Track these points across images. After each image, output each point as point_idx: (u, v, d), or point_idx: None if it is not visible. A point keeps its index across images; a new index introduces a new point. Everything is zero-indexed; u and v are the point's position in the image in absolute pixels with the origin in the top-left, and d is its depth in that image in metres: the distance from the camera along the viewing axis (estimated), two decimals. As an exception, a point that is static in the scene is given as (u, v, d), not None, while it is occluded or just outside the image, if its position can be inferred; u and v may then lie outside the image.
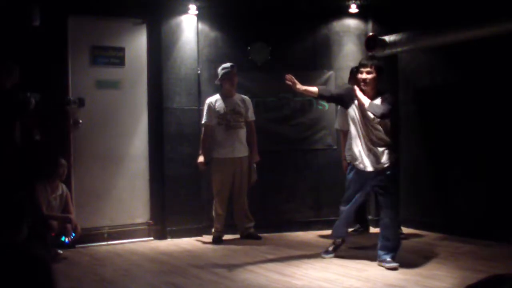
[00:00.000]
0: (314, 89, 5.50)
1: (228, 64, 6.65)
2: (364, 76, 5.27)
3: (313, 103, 7.30)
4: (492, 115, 6.32)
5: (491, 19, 5.91)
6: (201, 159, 6.61)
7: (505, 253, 5.70)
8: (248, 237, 6.73)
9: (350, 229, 7.00)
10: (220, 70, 6.66)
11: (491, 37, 5.91)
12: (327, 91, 5.70)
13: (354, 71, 6.84)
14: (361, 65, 5.38)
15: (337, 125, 6.90)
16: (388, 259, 5.20)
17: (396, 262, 5.17)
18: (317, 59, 7.43)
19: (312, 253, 5.86)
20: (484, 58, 6.35)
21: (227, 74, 6.63)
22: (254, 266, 5.36)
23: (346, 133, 6.90)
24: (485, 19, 5.98)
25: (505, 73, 6.20)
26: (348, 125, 6.85)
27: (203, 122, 6.70)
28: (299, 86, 5.41)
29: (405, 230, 6.80)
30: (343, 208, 5.59)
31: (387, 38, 6.85)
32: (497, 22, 5.84)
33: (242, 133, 6.71)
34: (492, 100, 6.31)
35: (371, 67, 5.28)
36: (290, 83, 5.42)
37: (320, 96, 5.61)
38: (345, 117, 6.86)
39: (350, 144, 5.59)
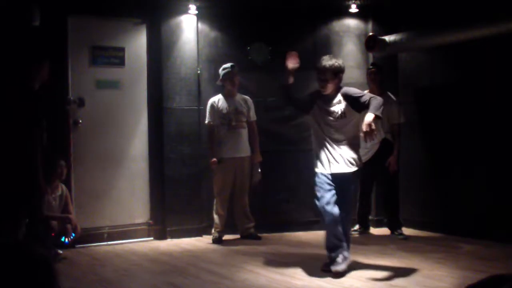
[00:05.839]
0: (290, 79, 5.15)
1: (228, 64, 6.66)
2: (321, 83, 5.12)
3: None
4: (492, 115, 6.31)
5: (491, 19, 5.91)
6: (213, 158, 6.61)
7: (505, 253, 5.70)
8: (248, 237, 6.73)
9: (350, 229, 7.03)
10: (221, 71, 6.67)
11: (491, 37, 5.91)
12: (293, 92, 5.24)
13: (371, 70, 6.83)
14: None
15: None
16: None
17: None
18: (317, 59, 7.36)
19: (312, 253, 5.85)
20: (484, 58, 6.35)
21: (227, 74, 6.63)
22: (254, 266, 5.36)
23: None
24: (485, 19, 5.98)
25: (505, 73, 6.20)
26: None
27: (206, 121, 6.71)
28: (292, 67, 5.12)
29: (405, 230, 6.80)
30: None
31: (387, 38, 6.86)
32: (497, 22, 5.84)
33: (244, 133, 6.71)
34: (492, 100, 6.31)
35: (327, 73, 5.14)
36: (291, 59, 5.14)
37: (284, 87, 5.18)
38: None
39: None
